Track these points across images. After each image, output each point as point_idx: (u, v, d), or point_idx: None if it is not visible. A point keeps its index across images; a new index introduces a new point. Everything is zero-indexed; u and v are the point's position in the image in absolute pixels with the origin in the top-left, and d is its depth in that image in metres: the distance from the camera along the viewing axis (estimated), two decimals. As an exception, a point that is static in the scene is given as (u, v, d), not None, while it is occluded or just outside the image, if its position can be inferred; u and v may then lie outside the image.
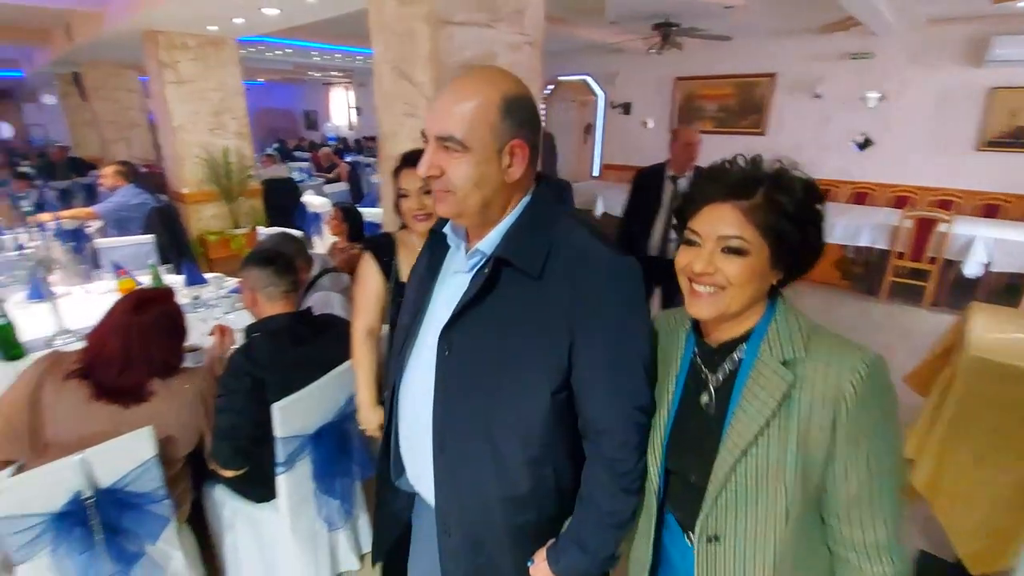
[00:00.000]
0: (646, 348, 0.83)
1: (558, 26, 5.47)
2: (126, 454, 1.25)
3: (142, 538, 1.32)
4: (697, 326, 0.84)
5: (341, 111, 14.98)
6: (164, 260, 3.34)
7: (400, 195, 1.39)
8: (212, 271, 2.93)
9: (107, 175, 3.94)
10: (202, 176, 5.02)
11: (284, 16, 4.13)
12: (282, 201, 5.48)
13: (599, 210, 6.03)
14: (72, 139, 9.07)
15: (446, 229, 0.91)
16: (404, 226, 1.46)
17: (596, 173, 8.32)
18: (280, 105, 15.57)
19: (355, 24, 4.35)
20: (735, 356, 0.77)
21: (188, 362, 1.58)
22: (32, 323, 2.09)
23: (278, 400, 1.39)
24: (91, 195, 5.45)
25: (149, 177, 5.39)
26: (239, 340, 1.73)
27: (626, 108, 7.63)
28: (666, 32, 5.20)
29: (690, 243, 0.77)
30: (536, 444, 0.84)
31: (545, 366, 0.81)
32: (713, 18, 4.99)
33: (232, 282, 2.69)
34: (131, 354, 1.35)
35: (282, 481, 1.49)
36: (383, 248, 1.46)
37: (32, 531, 1.16)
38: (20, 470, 1.34)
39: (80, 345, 1.42)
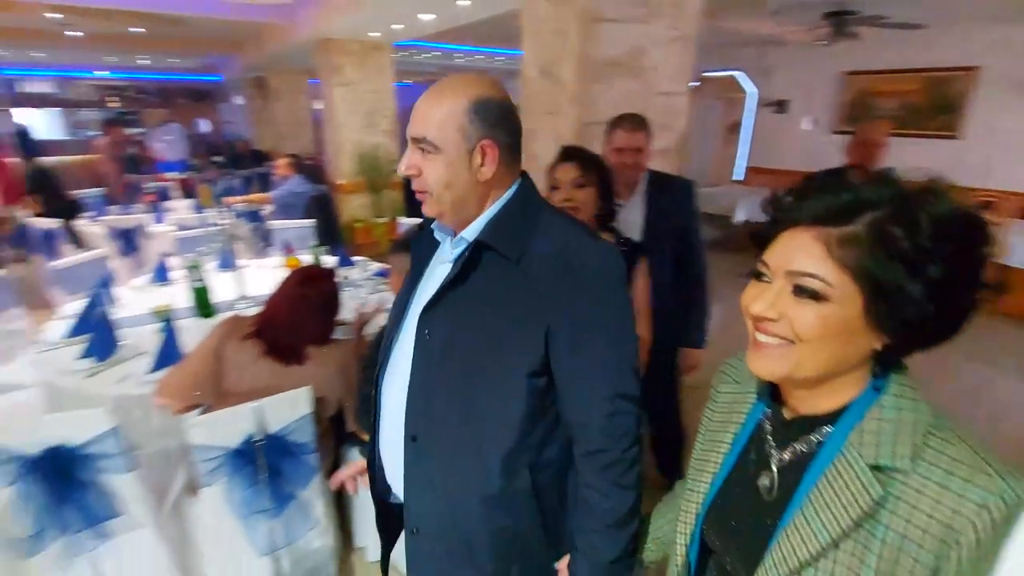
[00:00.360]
0: (626, 336, 0.84)
1: (708, 19, 5.20)
2: (289, 407, 1.46)
3: (295, 483, 1.53)
4: (774, 384, 0.65)
5: (476, 110, 15.78)
6: (320, 242, 3.81)
7: (552, 187, 1.44)
8: (357, 255, 3.28)
9: (280, 166, 4.60)
10: (355, 169, 5.66)
11: (439, 21, 4.47)
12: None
13: (739, 217, 5.63)
14: (254, 134, 10.73)
15: (433, 224, 0.94)
16: None
17: (739, 177, 7.76)
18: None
19: (498, 26, 4.56)
20: (813, 438, 0.60)
21: (338, 335, 1.80)
22: (220, 288, 2.53)
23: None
24: (265, 183, 6.41)
25: (312, 168, 6.18)
26: (383, 319, 1.91)
27: (781, 106, 7.01)
28: (840, 21, 4.67)
29: (759, 276, 0.60)
30: (512, 433, 0.84)
31: (522, 348, 0.82)
32: (901, 3, 4.37)
33: (375, 266, 2.99)
34: (295, 321, 1.58)
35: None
36: None
37: (215, 461, 1.41)
38: (205, 413, 1.63)
39: (255, 310, 1.70)
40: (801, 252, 0.55)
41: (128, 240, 3.96)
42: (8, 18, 6.10)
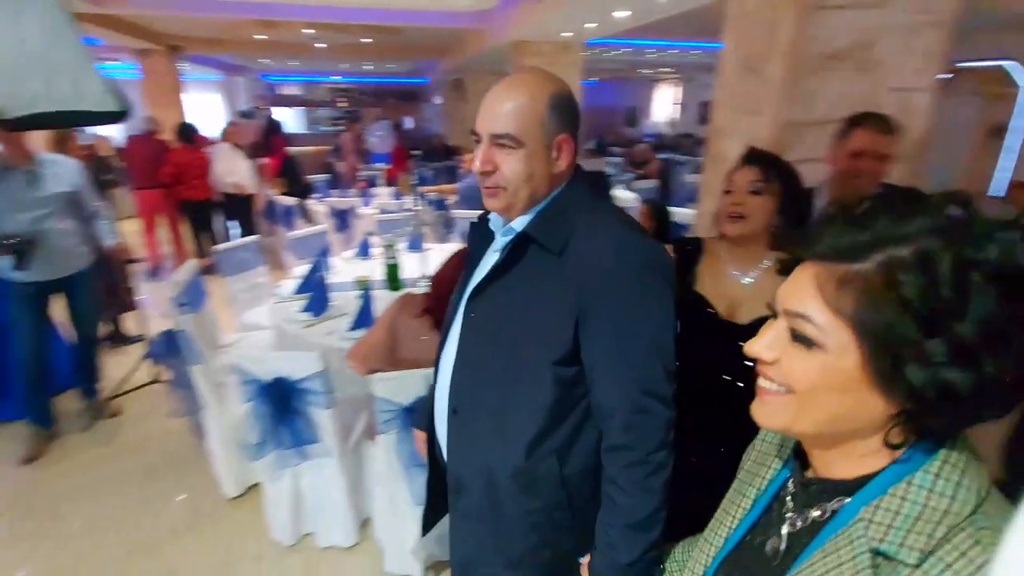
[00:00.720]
0: (661, 334, 0.84)
1: (974, -3, 4.27)
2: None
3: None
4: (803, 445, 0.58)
5: (664, 108, 15.30)
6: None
7: (725, 191, 1.36)
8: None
9: (467, 160, 5.06)
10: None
11: (633, 17, 4.45)
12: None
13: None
14: (447, 131, 11.93)
15: (491, 215, 0.98)
16: (718, 236, 1.42)
17: (997, 192, 6.26)
18: (606, 103, 16.91)
19: (693, 20, 4.35)
20: (829, 506, 0.52)
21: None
22: (408, 266, 2.89)
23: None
24: (452, 175, 7.11)
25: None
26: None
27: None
28: None
29: (774, 312, 0.54)
30: (540, 419, 0.88)
31: (550, 337, 0.86)
32: None
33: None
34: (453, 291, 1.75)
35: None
36: (686, 251, 1.45)
37: (390, 414, 1.64)
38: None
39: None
40: (798, 290, 0.49)
41: (343, 219, 4.77)
42: (276, 34, 7.74)
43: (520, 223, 0.91)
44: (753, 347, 0.54)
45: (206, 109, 12.86)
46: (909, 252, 0.43)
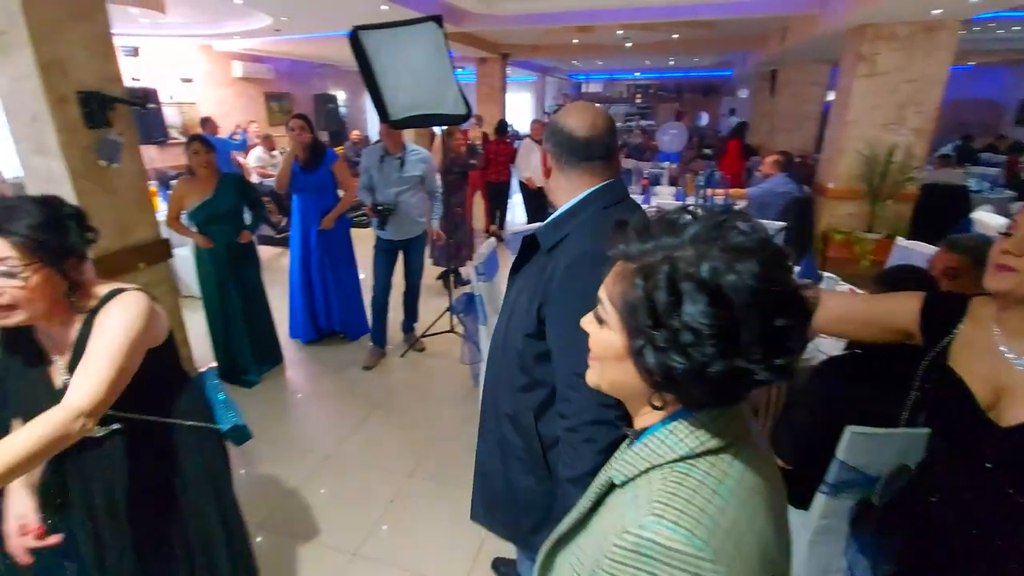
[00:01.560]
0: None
1: None
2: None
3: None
4: None
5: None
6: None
7: (1004, 232, 0.97)
8: (826, 269, 3.03)
9: (767, 163, 4.66)
10: (855, 172, 5.09)
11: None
12: (941, 212, 4.83)
13: None
14: (749, 128, 11.07)
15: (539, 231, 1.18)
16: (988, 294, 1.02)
17: None
18: (982, 94, 13.10)
19: None
20: None
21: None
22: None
23: (853, 423, 1.37)
24: (747, 177, 6.62)
25: (800, 168, 5.95)
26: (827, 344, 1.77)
27: None
28: None
29: None
30: (521, 379, 1.17)
31: (525, 315, 1.13)
32: None
33: (843, 288, 2.70)
34: None
35: (820, 502, 1.50)
36: (943, 311, 1.07)
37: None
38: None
39: None
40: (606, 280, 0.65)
41: (621, 215, 4.98)
42: (591, 38, 8.41)
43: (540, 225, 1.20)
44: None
45: (519, 107, 14.92)
46: (647, 262, 0.57)
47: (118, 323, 1.09)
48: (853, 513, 1.45)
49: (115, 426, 1.21)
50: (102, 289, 1.17)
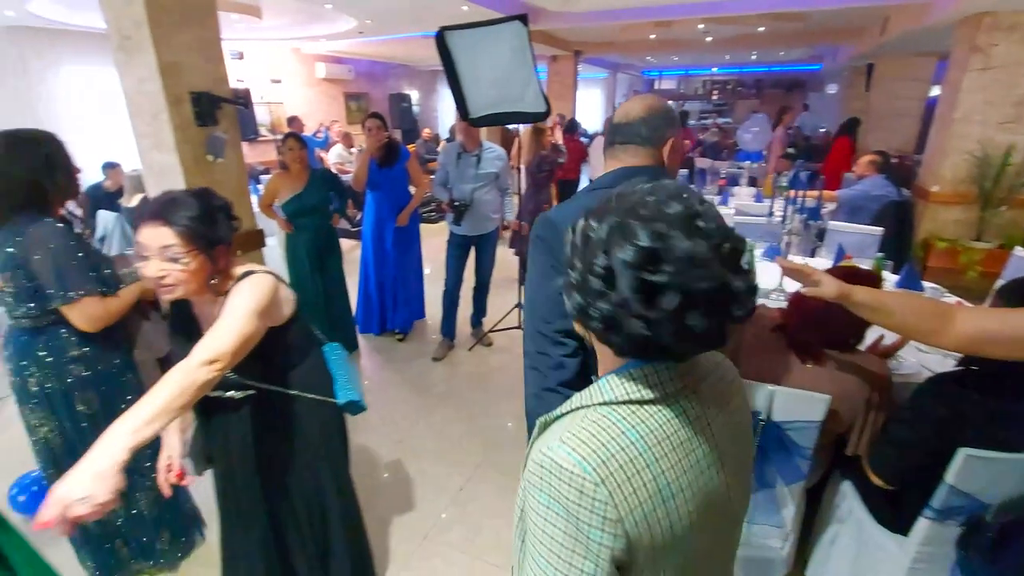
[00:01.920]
0: (531, 294, 1.25)
1: None
2: (801, 406, 1.53)
3: (777, 475, 1.62)
4: None
5: None
6: (886, 255, 3.48)
7: None
8: (928, 280, 2.81)
9: (861, 164, 4.37)
10: (963, 175, 4.68)
11: None
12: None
13: None
14: (837, 126, 10.41)
15: None
16: None
17: None
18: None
19: None
20: None
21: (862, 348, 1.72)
22: (761, 275, 2.76)
23: (971, 446, 1.27)
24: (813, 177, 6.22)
25: (898, 169, 5.54)
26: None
27: None
28: None
29: None
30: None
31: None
32: None
33: (950, 300, 2.50)
34: (822, 318, 1.60)
35: (923, 527, 1.40)
36: None
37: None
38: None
39: (779, 305, 1.80)
40: None
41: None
42: (669, 33, 8.19)
43: None
44: None
45: (590, 104, 14.79)
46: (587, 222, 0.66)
47: (244, 297, 1.26)
48: (961, 536, 1.35)
49: (250, 392, 1.40)
50: (238, 270, 1.35)
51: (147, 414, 1.00)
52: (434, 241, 3.85)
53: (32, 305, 1.55)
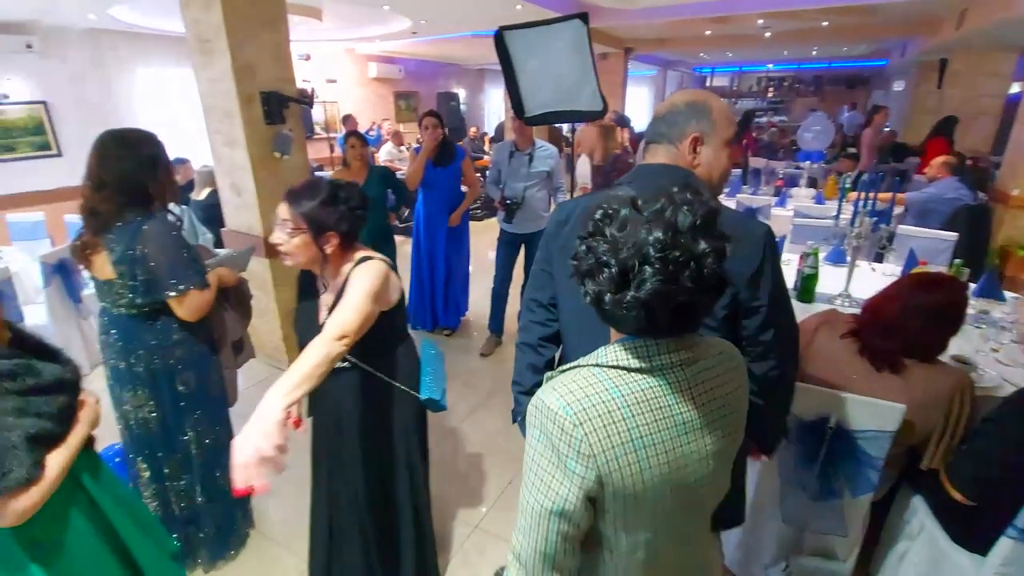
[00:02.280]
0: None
1: None
2: (873, 415, 1.49)
3: (845, 486, 1.58)
4: None
5: None
6: (963, 261, 3.31)
7: None
8: (1009, 289, 2.66)
9: (934, 165, 4.15)
10: (1047, 178, 4.39)
11: None
12: None
13: None
14: (904, 125, 9.90)
15: None
16: None
17: None
18: None
19: None
20: None
21: (946, 359, 1.63)
22: (825, 280, 2.68)
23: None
24: (902, 180, 5.92)
25: (972, 171, 5.23)
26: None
27: None
28: None
29: None
30: None
31: None
32: None
33: (1034, 309, 2.36)
34: (897, 324, 1.55)
35: (1005, 545, 1.34)
36: None
37: (790, 422, 1.64)
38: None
39: (852, 311, 1.75)
40: None
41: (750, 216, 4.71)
42: (726, 28, 7.99)
43: None
44: None
45: (638, 102, 14.59)
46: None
47: (362, 280, 1.41)
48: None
49: (346, 364, 1.54)
50: (358, 255, 1.50)
51: (296, 380, 1.17)
52: (477, 239, 3.89)
53: (143, 297, 1.68)
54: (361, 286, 1.39)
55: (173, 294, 1.67)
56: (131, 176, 1.62)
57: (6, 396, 1.03)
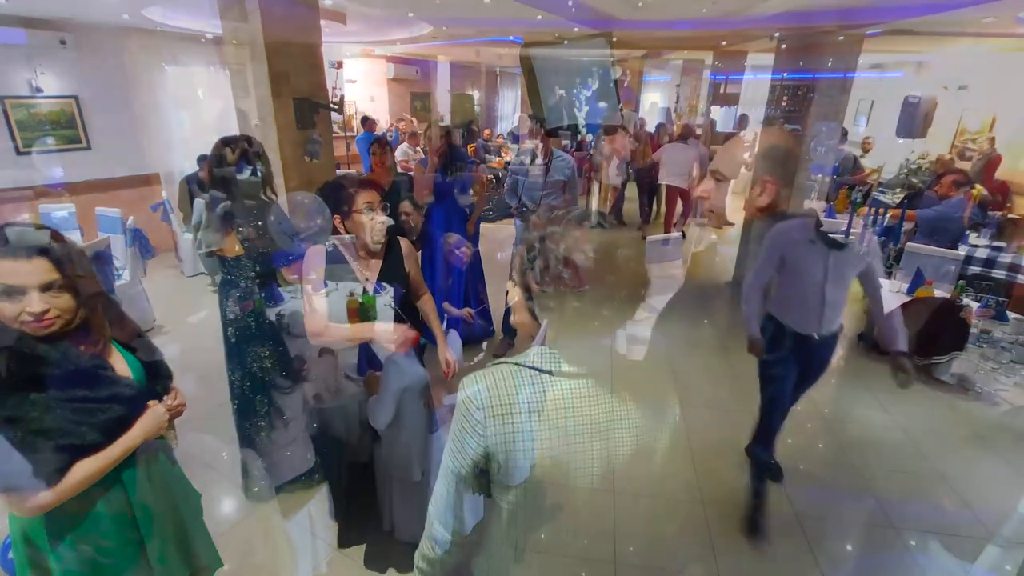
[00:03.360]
0: None
1: None
2: None
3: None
4: None
5: None
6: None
7: None
8: (1017, 312, 2.73)
9: (944, 183, 4.22)
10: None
11: None
12: None
13: None
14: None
15: None
16: None
17: None
18: None
19: None
20: None
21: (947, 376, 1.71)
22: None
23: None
24: (918, 197, 5.94)
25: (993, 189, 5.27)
26: None
27: None
28: None
29: None
30: None
31: None
32: None
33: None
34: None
35: (992, 553, 1.42)
36: None
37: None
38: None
39: None
40: None
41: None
42: (741, 37, 8.02)
43: None
44: None
45: (651, 108, 14.66)
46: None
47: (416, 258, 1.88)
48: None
49: None
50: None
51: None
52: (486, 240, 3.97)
53: (257, 268, 2.23)
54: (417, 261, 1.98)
55: (283, 265, 2.41)
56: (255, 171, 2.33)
57: (54, 406, 1.10)
